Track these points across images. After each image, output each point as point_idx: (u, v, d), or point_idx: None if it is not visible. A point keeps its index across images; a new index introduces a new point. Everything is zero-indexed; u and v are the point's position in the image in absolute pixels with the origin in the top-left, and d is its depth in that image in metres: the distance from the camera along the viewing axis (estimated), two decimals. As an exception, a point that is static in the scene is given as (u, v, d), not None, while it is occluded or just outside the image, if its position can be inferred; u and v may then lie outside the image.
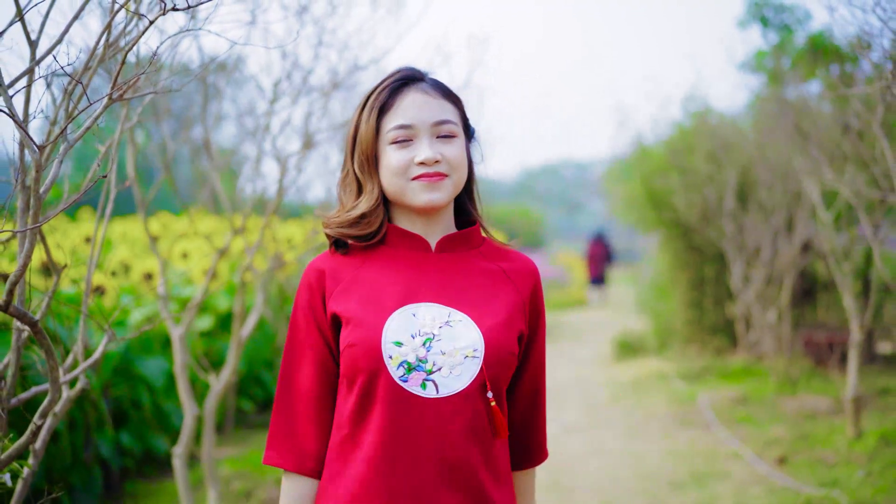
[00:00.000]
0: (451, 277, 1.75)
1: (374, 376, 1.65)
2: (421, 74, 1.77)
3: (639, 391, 8.37)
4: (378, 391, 1.65)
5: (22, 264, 1.61)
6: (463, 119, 1.79)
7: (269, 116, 3.69)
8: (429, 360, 1.65)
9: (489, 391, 1.68)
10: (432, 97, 1.73)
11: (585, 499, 5.03)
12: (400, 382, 1.64)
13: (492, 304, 1.74)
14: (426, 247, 1.76)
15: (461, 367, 1.66)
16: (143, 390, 5.23)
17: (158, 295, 3.58)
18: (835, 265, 6.33)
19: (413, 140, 1.70)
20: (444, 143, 1.71)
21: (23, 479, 2.10)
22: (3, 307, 1.66)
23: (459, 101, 1.79)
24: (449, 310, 1.70)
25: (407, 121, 1.70)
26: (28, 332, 1.98)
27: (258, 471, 5.22)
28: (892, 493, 4.67)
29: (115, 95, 1.67)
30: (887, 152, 4.28)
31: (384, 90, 1.73)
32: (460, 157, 1.72)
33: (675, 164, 9.55)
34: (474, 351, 1.67)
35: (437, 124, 1.71)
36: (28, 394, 1.96)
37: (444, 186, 1.70)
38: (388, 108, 1.72)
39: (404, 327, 1.67)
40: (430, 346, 1.66)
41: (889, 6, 2.96)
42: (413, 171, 1.69)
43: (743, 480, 5.24)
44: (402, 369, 1.65)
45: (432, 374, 1.66)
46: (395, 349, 1.65)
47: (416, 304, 1.70)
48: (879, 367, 8.47)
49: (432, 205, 1.70)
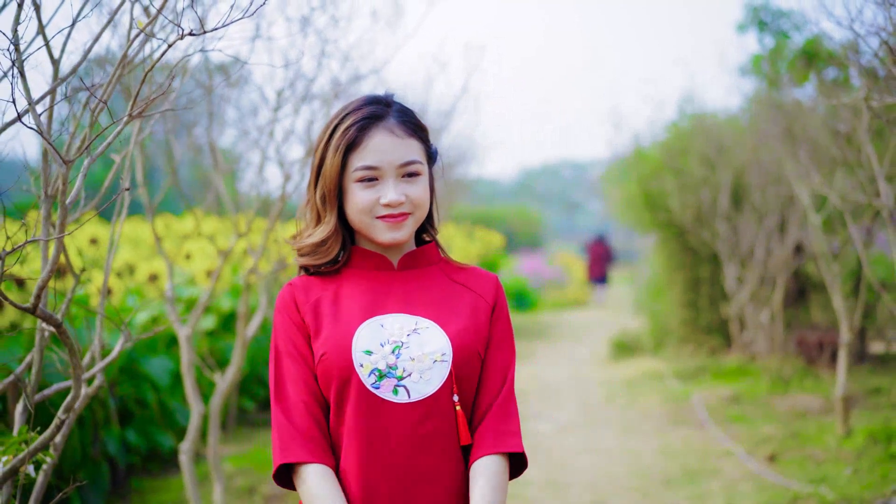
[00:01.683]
0: (415, 289, 1.84)
1: (346, 384, 1.73)
2: (387, 109, 1.80)
3: (634, 390, 8.50)
4: (350, 398, 1.73)
5: (49, 270, 1.74)
6: (427, 149, 1.85)
7: (273, 124, 3.82)
8: (398, 366, 1.73)
9: (455, 394, 1.76)
10: (399, 138, 1.78)
11: (580, 495, 5.15)
12: (372, 389, 1.72)
13: (455, 310, 1.83)
14: (389, 265, 1.85)
15: (430, 372, 1.74)
16: (148, 389, 5.35)
17: (166, 297, 3.70)
18: (825, 267, 6.47)
19: (379, 180, 1.77)
20: (409, 182, 1.79)
21: (44, 472, 2.23)
22: (31, 310, 1.79)
23: (424, 130, 1.85)
24: (415, 318, 1.79)
25: (374, 163, 1.76)
26: (50, 332, 2.11)
27: (260, 467, 5.35)
28: (879, 489, 4.80)
29: (134, 112, 1.80)
30: (872, 158, 4.42)
31: (352, 127, 1.77)
32: (423, 196, 1.80)
33: (671, 167, 9.69)
34: (442, 355, 1.75)
35: (402, 165, 1.77)
36: (50, 390, 2.09)
37: (407, 225, 1.79)
38: (355, 146, 1.77)
39: (373, 337, 1.75)
40: (399, 353, 1.74)
41: (868, 19, 3.09)
42: (378, 211, 1.77)
43: (734, 477, 5.37)
44: (373, 376, 1.72)
45: (403, 379, 1.73)
46: (365, 357, 1.73)
47: (382, 315, 1.78)
48: (871, 366, 8.60)
49: (395, 242, 1.80)
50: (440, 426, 1.74)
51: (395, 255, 1.86)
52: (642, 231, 11.82)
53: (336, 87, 3.81)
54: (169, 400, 5.61)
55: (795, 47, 9.34)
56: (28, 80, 1.79)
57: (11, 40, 1.72)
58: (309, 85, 3.73)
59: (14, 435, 1.98)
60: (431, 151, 1.87)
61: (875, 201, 4.47)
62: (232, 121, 4.92)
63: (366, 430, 1.72)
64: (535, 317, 16.74)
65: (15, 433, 2.02)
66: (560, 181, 62.84)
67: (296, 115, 3.75)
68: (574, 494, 5.17)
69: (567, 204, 57.32)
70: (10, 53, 1.68)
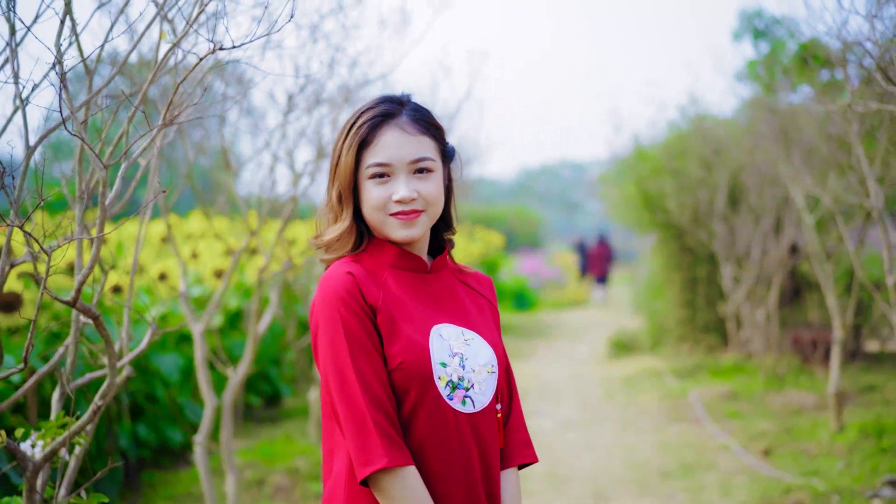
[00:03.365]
0: (448, 296, 1.87)
1: (424, 394, 1.73)
2: (400, 108, 1.82)
3: (632, 388, 8.65)
4: (426, 407, 1.73)
5: (89, 267, 1.89)
6: (441, 147, 1.86)
7: (283, 127, 3.97)
8: (465, 378, 1.77)
9: (498, 403, 1.84)
10: (410, 134, 1.79)
11: (579, 488, 5.30)
12: (447, 400, 1.75)
13: (484, 319, 1.89)
14: (426, 267, 1.87)
15: (485, 383, 1.80)
16: (158, 385, 5.50)
17: (180, 294, 3.84)
18: (818, 266, 6.62)
19: (391, 176, 1.78)
20: (421, 179, 1.79)
21: (76, 456, 2.38)
22: (71, 303, 1.93)
23: (438, 129, 1.86)
24: (462, 329, 1.82)
25: (385, 159, 1.77)
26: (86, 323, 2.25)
27: (269, 461, 5.50)
28: (869, 481, 4.94)
29: (167, 120, 1.95)
30: (863, 160, 4.56)
31: (364, 125, 1.79)
32: (435, 193, 1.80)
33: (669, 168, 9.84)
34: (492, 367, 1.82)
35: (413, 162, 1.78)
36: (84, 379, 2.24)
37: (420, 223, 1.80)
38: (367, 143, 1.78)
39: (442, 348, 1.77)
40: (464, 364, 1.78)
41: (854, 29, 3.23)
42: (391, 208, 1.77)
43: (729, 470, 5.51)
44: (448, 388, 1.75)
45: (468, 390, 1.78)
46: (441, 370, 1.75)
47: (439, 324, 1.80)
48: (866, 364, 8.75)
49: (409, 239, 1.80)
50: (493, 434, 1.82)
51: (425, 258, 1.89)
52: (641, 231, 11.98)
53: (345, 92, 3.96)
54: (178, 396, 5.76)
55: (790, 52, 9.50)
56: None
57: (56, 56, 1.86)
58: (319, 90, 3.88)
59: (52, 420, 2.12)
60: (447, 150, 1.88)
61: (865, 202, 4.62)
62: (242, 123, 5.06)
63: (442, 438, 1.74)
64: (534, 316, 16.89)
65: (52, 419, 2.16)
66: (560, 181, 63.01)
67: (309, 116, 3.89)
68: (573, 488, 5.32)
69: (567, 204, 57.49)
70: (55, 67, 1.82)
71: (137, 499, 5.03)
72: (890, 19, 2.96)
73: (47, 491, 2.20)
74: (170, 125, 1.96)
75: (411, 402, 1.72)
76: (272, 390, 7.36)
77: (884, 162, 4.81)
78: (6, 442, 1.95)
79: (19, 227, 1.76)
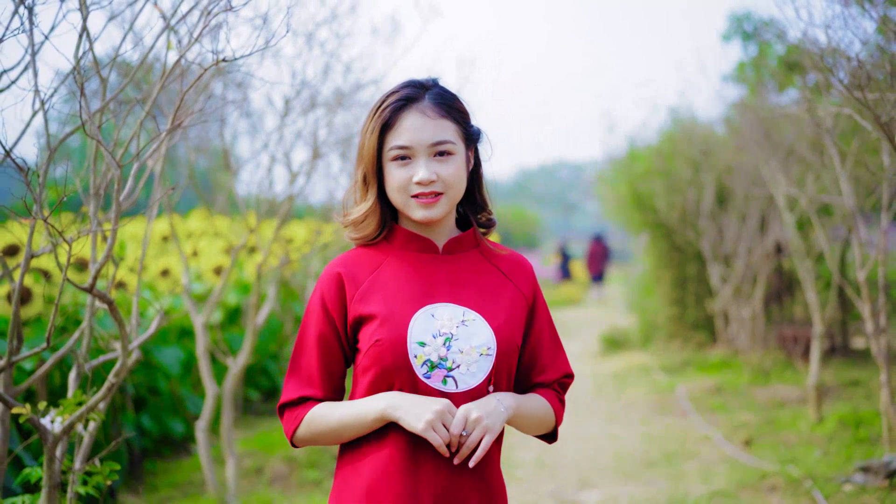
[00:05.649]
0: (460, 278, 1.90)
1: (397, 371, 1.80)
2: (423, 92, 1.87)
3: (621, 383, 8.87)
4: (398, 385, 1.80)
5: (105, 255, 2.10)
6: (464, 131, 1.90)
7: (281, 129, 4.18)
8: (449, 358, 1.81)
9: (490, 385, 1.84)
10: (431, 118, 1.84)
11: (566, 475, 5.52)
12: (423, 379, 1.79)
13: (498, 302, 1.90)
14: (434, 248, 1.92)
15: (476, 365, 1.82)
16: (160, 378, 5.70)
17: (184, 288, 4.05)
18: (799, 263, 6.84)
19: (412, 159, 1.84)
20: (441, 162, 1.84)
21: (89, 433, 2.59)
22: (89, 289, 2.14)
23: (461, 112, 1.90)
24: (463, 309, 1.85)
25: (405, 142, 1.83)
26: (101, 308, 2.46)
27: (268, 449, 5.71)
28: (843, 469, 5.15)
29: (174, 124, 2.16)
30: (836, 160, 4.78)
31: (387, 108, 1.85)
32: (455, 175, 1.86)
33: (660, 169, 10.07)
34: (488, 349, 1.83)
35: (433, 145, 1.84)
36: (99, 360, 2.45)
37: (440, 204, 1.85)
38: (389, 126, 1.84)
39: (426, 328, 1.81)
40: (450, 345, 1.81)
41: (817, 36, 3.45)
42: (412, 189, 1.84)
43: (710, 459, 5.73)
44: (425, 367, 1.79)
45: (452, 371, 1.81)
46: (419, 349, 1.79)
47: (433, 304, 1.85)
48: (853, 360, 8.97)
49: (428, 220, 1.86)
50: None
51: (440, 239, 1.93)
52: (633, 231, 12.21)
53: (339, 97, 4.17)
54: (179, 388, 5.97)
55: (778, 55, 9.72)
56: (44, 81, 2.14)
57: (74, 66, 2.07)
58: (314, 94, 4.09)
59: (69, 398, 2.33)
60: (472, 132, 1.93)
61: (836, 200, 4.84)
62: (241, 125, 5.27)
63: None
64: (529, 315, 17.06)
65: (69, 397, 2.37)
66: (557, 182, 63.29)
67: (305, 119, 4.11)
68: (561, 475, 5.53)
69: (564, 204, 57.76)
70: (76, 76, 2.03)
71: (141, 486, 5.23)
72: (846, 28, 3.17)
73: (64, 463, 2.41)
74: (178, 128, 2.17)
75: (380, 376, 1.81)
76: (270, 384, 7.57)
77: (856, 162, 5.03)
78: (30, 415, 2.16)
79: (44, 220, 1.96)
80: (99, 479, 2.23)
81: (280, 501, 4.83)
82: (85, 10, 2.13)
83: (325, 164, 6.60)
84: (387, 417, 1.78)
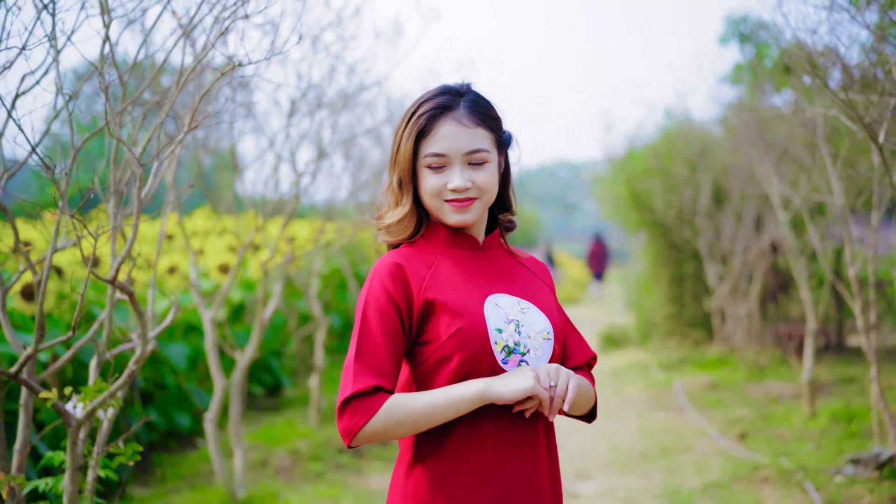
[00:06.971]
0: (503, 271, 1.97)
1: (479, 358, 1.83)
2: (458, 99, 1.91)
3: (619, 379, 9.01)
4: (480, 372, 1.83)
5: (127, 248, 2.22)
6: (497, 137, 1.95)
7: (286, 129, 4.31)
8: (521, 343, 1.86)
9: None
10: (466, 127, 1.88)
11: (564, 468, 5.63)
12: (502, 364, 1.84)
13: (538, 292, 1.98)
14: (478, 245, 1.98)
15: (542, 349, 1.88)
16: (167, 373, 5.83)
17: (192, 284, 4.18)
18: (793, 261, 6.97)
19: (447, 167, 1.88)
20: (475, 169, 1.89)
21: (108, 418, 2.72)
22: (111, 281, 2.27)
23: (495, 119, 1.94)
24: (517, 298, 1.91)
25: (441, 150, 1.87)
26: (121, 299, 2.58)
27: (272, 442, 5.84)
28: (834, 461, 5.28)
29: (192, 125, 2.29)
30: (827, 161, 4.91)
31: (423, 116, 1.88)
32: (489, 182, 1.90)
33: (657, 168, 10.20)
34: (548, 334, 1.90)
35: (469, 153, 1.88)
36: (118, 349, 2.58)
37: (473, 208, 1.91)
38: (425, 133, 1.88)
39: (496, 315, 1.86)
40: (520, 330, 1.86)
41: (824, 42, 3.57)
42: (446, 195, 1.89)
43: (705, 453, 5.86)
44: (503, 353, 1.84)
45: (525, 355, 1.86)
46: (497, 335, 1.84)
47: (494, 294, 1.90)
48: (849, 357, 9.10)
49: (462, 224, 1.92)
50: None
51: (479, 237, 1.99)
52: (631, 230, 12.34)
53: (343, 98, 4.30)
54: (186, 383, 6.10)
55: (774, 56, 9.85)
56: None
57: (98, 70, 2.20)
58: (320, 95, 4.22)
59: (90, 385, 2.46)
60: (503, 138, 1.98)
61: (828, 199, 4.97)
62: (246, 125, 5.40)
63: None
64: (529, 314, 17.20)
65: (90, 384, 2.50)
66: (556, 182, 63.43)
67: (310, 119, 4.24)
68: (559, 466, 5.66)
69: (563, 204, 57.90)
70: (100, 80, 2.16)
71: (149, 478, 5.36)
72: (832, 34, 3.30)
73: (84, 447, 2.54)
74: (195, 129, 2.29)
75: (462, 364, 1.82)
76: (273, 380, 7.70)
77: (846, 162, 5.15)
78: (55, 400, 2.29)
79: (70, 215, 2.09)
80: (122, 459, 2.36)
81: (286, 491, 4.96)
82: (108, 16, 2.25)
83: (329, 163, 6.74)
84: (486, 398, 1.80)
